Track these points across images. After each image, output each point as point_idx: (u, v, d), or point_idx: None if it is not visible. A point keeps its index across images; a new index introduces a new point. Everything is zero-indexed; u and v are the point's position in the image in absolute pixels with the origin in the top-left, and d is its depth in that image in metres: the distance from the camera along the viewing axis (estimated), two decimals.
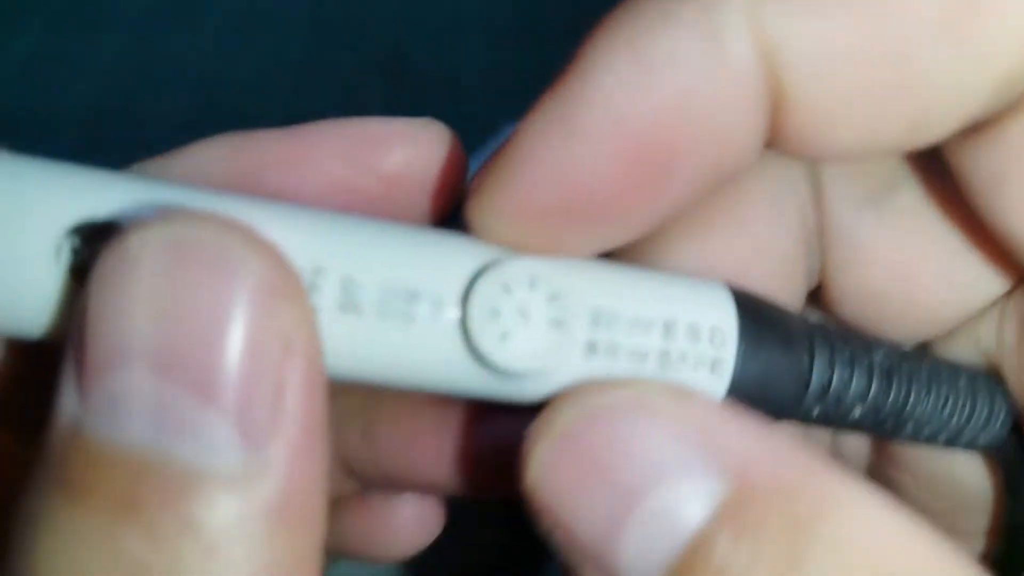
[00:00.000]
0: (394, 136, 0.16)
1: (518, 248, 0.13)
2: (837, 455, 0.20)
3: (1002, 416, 0.17)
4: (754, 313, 0.14)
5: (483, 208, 0.13)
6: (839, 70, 0.12)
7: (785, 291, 0.17)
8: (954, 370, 0.17)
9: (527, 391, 0.13)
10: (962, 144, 0.14)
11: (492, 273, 0.13)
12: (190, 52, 0.60)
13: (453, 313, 0.12)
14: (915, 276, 0.17)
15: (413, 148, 0.16)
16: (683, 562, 0.12)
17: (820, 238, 0.17)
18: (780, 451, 0.12)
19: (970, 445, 0.17)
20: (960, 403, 0.16)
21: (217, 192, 0.12)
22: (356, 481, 0.20)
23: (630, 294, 0.13)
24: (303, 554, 0.11)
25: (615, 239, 0.13)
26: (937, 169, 0.16)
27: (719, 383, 0.14)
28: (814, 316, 0.18)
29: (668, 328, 0.13)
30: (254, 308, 0.10)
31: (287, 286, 0.11)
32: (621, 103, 0.12)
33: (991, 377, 0.17)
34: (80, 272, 0.11)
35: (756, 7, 0.12)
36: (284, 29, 0.63)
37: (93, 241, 0.11)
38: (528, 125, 0.13)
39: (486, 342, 0.12)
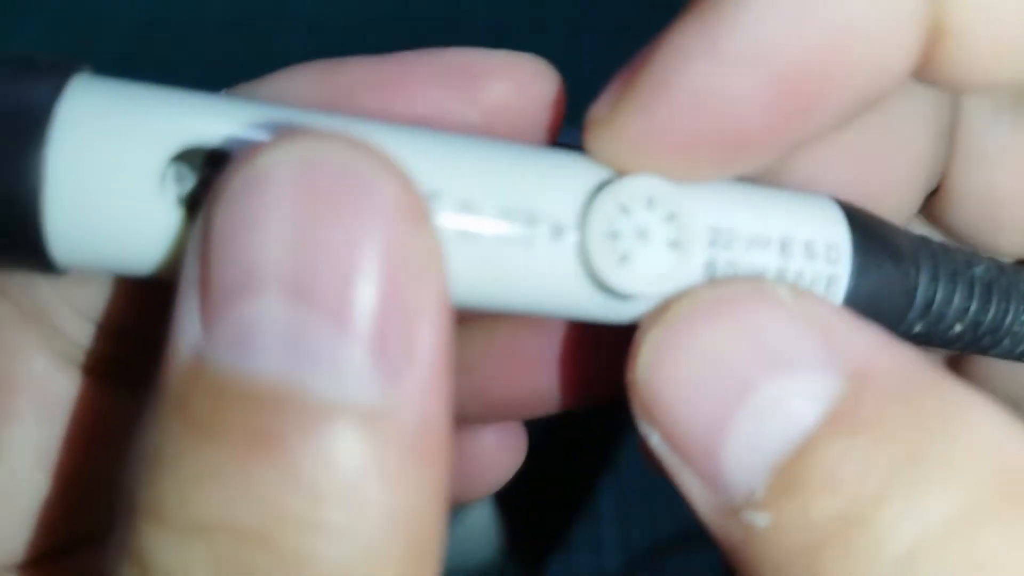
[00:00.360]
0: (495, 67, 0.15)
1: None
2: None
3: None
4: (865, 228, 0.14)
5: (611, 136, 0.12)
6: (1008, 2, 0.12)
7: (913, 187, 0.16)
8: None
9: (643, 313, 0.13)
10: None
11: (609, 193, 0.12)
12: (190, 53, 0.59)
13: (572, 235, 0.12)
14: None
15: (514, 81, 0.15)
16: (793, 461, 0.11)
17: (951, 135, 0.17)
18: (902, 355, 0.12)
19: None
20: None
21: (326, 113, 0.12)
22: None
23: (747, 212, 0.13)
24: (436, 490, 0.10)
25: (747, 167, 0.13)
26: None
27: (834, 300, 0.13)
28: (920, 227, 0.18)
29: (785, 245, 0.13)
30: (389, 232, 0.10)
31: (418, 209, 0.10)
32: (779, 30, 0.11)
33: None
34: (189, 201, 0.11)
35: None
36: (284, 29, 0.63)
37: (202, 168, 0.11)
38: (666, 47, 0.12)
39: (605, 265, 0.12)
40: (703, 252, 0.12)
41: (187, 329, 0.10)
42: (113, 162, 0.11)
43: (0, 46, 0.55)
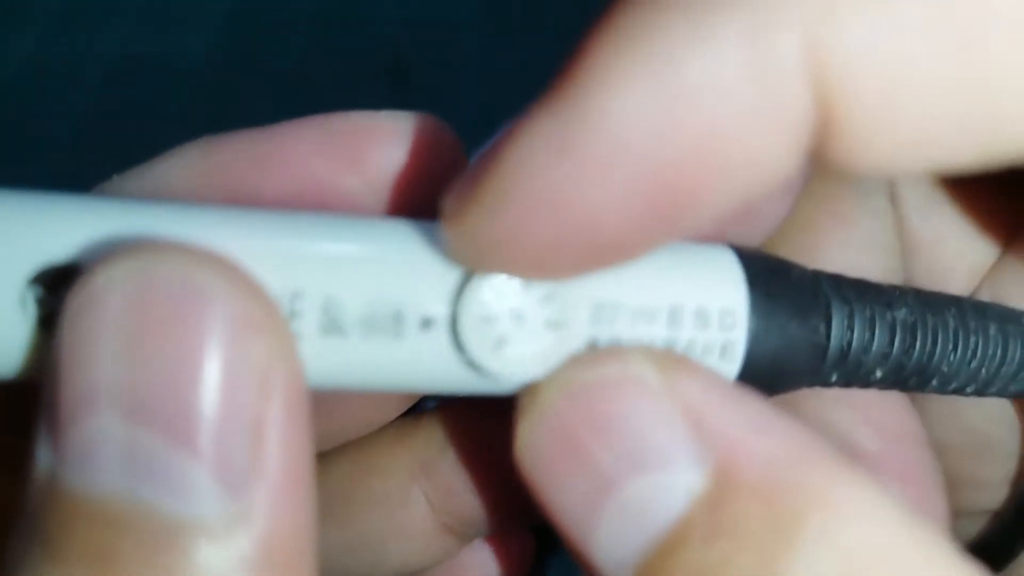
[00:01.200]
0: (378, 131, 0.14)
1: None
2: None
3: None
4: (766, 284, 0.13)
5: (461, 236, 0.11)
6: (910, 98, 0.10)
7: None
8: (984, 316, 0.15)
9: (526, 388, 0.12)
10: None
11: (482, 278, 0.12)
12: (190, 53, 0.60)
13: (443, 324, 0.12)
14: None
15: (399, 144, 0.14)
16: (654, 559, 0.11)
17: None
18: (774, 440, 0.11)
19: (1001, 393, 0.16)
20: (990, 353, 0.15)
21: (185, 210, 0.12)
22: (455, 538, 0.19)
23: (632, 282, 0.12)
24: None
25: (614, 266, 0.12)
26: None
27: (730, 367, 0.13)
28: None
29: (674, 315, 0.12)
30: (228, 344, 0.10)
31: (263, 317, 0.10)
32: (640, 137, 0.10)
33: None
34: (48, 321, 0.11)
35: (818, 28, 0.10)
36: (284, 29, 0.63)
37: (57, 287, 0.11)
38: (514, 145, 0.11)
39: (480, 351, 0.12)
40: (584, 331, 0.12)
41: (41, 448, 0.10)
42: None
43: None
